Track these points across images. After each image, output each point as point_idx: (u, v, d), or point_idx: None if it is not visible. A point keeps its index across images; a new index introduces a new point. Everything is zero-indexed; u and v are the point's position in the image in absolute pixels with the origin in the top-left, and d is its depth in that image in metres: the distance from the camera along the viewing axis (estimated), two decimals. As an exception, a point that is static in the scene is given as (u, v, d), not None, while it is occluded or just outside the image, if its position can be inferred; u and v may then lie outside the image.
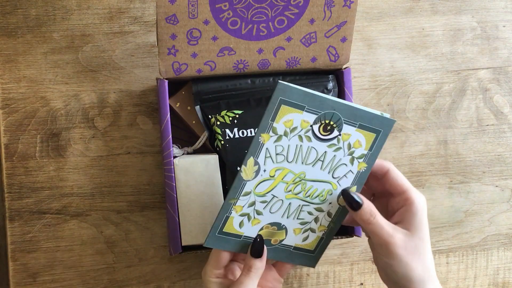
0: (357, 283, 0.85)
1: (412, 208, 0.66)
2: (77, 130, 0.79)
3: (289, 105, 0.63)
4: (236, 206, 0.66)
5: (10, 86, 0.79)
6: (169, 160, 0.73)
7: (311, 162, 0.66)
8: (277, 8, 0.71)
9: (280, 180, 0.66)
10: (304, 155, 0.65)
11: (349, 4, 0.72)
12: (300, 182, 0.66)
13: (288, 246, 0.70)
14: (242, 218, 0.67)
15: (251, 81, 0.78)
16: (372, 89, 0.85)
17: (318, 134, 0.65)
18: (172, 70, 0.73)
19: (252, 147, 0.64)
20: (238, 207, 0.66)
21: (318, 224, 0.69)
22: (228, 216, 0.66)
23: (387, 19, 0.85)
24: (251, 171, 0.65)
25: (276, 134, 0.64)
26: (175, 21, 0.69)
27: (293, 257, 0.71)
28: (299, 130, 0.64)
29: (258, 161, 0.65)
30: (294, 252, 0.71)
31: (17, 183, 0.78)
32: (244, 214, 0.67)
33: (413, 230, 0.66)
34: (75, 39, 0.80)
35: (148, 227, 0.80)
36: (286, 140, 0.64)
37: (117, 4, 0.80)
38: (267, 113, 0.63)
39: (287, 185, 0.66)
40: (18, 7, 0.79)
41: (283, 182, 0.66)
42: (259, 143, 0.64)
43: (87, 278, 0.79)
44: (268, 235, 0.69)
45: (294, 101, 0.62)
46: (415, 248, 0.65)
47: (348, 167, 0.67)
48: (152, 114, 0.81)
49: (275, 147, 0.64)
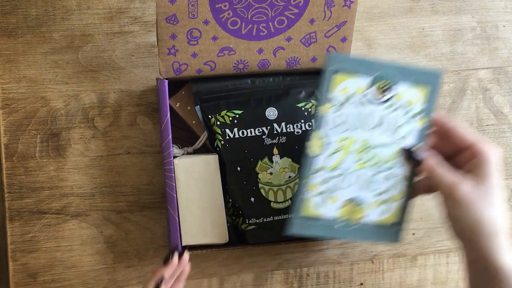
0: (357, 283, 0.85)
1: (483, 157, 0.61)
2: (77, 130, 0.79)
3: (341, 74, 0.64)
4: (309, 186, 0.66)
5: (10, 86, 0.79)
6: (169, 160, 0.73)
7: (373, 126, 0.66)
8: (277, 8, 0.71)
9: (347, 151, 0.66)
10: (365, 120, 0.66)
11: (349, 4, 0.72)
12: (367, 150, 0.66)
13: (369, 223, 0.68)
14: (318, 198, 0.66)
15: (251, 81, 0.78)
16: (372, 89, 0.85)
17: (374, 97, 0.66)
18: (172, 70, 0.73)
19: (314, 122, 0.65)
20: (312, 186, 0.66)
21: (394, 192, 0.68)
22: (304, 198, 0.66)
23: (387, 19, 0.85)
24: (317, 146, 0.65)
25: (334, 105, 0.65)
26: (175, 21, 0.69)
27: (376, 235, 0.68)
28: (355, 97, 0.65)
29: (322, 135, 0.65)
30: (376, 230, 0.68)
31: (17, 183, 0.78)
32: (320, 193, 0.66)
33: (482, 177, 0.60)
34: (75, 39, 0.80)
35: (148, 227, 0.80)
36: (345, 109, 0.65)
37: (117, 4, 0.80)
38: (322, 86, 0.64)
39: (355, 154, 0.66)
40: (18, 7, 0.79)
41: (351, 152, 0.66)
42: (320, 117, 0.65)
43: (87, 278, 0.79)
44: (347, 214, 0.67)
45: (345, 69, 0.64)
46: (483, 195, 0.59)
47: (410, 125, 0.67)
48: (152, 114, 0.81)
49: (336, 118, 0.66)
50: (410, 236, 0.86)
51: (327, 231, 0.67)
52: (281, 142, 0.76)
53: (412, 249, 0.86)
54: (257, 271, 0.82)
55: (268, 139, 0.76)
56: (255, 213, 0.75)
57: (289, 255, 0.83)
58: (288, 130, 0.76)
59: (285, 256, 0.83)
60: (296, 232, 0.66)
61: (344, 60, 0.64)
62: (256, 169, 0.75)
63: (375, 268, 0.85)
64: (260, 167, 0.75)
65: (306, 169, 0.65)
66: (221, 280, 0.81)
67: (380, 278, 0.85)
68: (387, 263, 0.85)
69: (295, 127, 0.76)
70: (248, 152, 0.75)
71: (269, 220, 0.75)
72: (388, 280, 0.85)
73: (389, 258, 0.85)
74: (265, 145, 0.75)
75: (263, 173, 0.75)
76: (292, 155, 0.76)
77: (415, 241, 0.86)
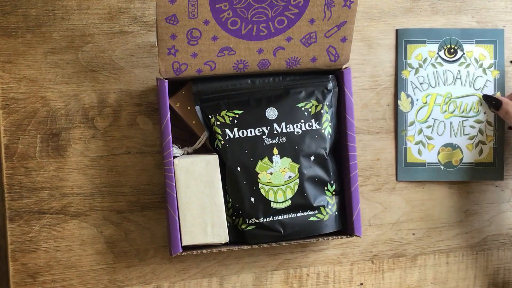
0: (357, 283, 0.85)
1: None
2: (77, 130, 0.79)
3: (412, 43, 0.80)
4: (408, 137, 0.80)
5: (10, 86, 0.79)
6: (169, 160, 0.73)
7: (451, 82, 0.79)
8: (277, 8, 0.71)
9: (433, 104, 0.80)
10: (443, 77, 0.78)
11: (349, 4, 0.72)
12: (450, 101, 0.78)
13: (469, 163, 0.79)
14: (417, 146, 0.80)
15: (251, 81, 0.78)
16: (372, 89, 0.85)
17: (446, 58, 0.80)
18: (172, 70, 0.73)
19: (399, 84, 0.80)
20: (410, 137, 0.80)
21: (484, 136, 0.79)
22: (406, 148, 0.80)
23: (387, 19, 0.85)
24: (406, 103, 0.80)
25: (413, 68, 0.80)
26: (175, 21, 0.69)
27: (478, 173, 0.80)
28: (429, 60, 0.79)
29: (408, 94, 0.80)
30: (477, 168, 0.79)
31: (17, 183, 0.78)
32: (417, 142, 0.80)
33: None
34: (75, 39, 0.80)
35: (148, 227, 0.80)
36: (423, 70, 0.80)
37: (117, 4, 0.80)
38: (399, 55, 0.80)
39: (441, 106, 0.80)
40: (18, 7, 0.79)
41: (436, 105, 0.80)
42: (403, 79, 0.80)
43: (87, 278, 0.79)
44: (447, 157, 0.80)
45: (415, 38, 0.80)
46: None
47: (484, 77, 0.78)
48: (152, 114, 0.81)
49: (417, 78, 0.80)
50: (410, 236, 0.86)
51: (432, 175, 0.79)
52: (281, 142, 0.76)
53: (412, 249, 0.86)
54: (257, 271, 0.82)
55: (268, 139, 0.76)
56: (255, 213, 0.75)
57: (289, 255, 0.83)
58: (288, 130, 0.76)
59: (285, 256, 0.83)
60: (405, 179, 0.81)
61: (413, 32, 0.79)
62: (256, 169, 0.75)
63: (375, 268, 0.85)
64: (260, 167, 0.75)
65: (403, 123, 0.80)
66: (221, 280, 0.81)
67: (380, 278, 0.85)
68: (387, 263, 0.85)
69: (295, 127, 0.76)
70: (248, 152, 0.75)
71: (269, 220, 0.75)
72: (388, 280, 0.85)
73: (389, 258, 0.85)
74: (265, 145, 0.75)
75: (263, 173, 0.75)
76: (292, 155, 0.76)
77: (415, 241, 0.86)
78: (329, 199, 0.78)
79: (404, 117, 0.81)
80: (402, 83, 0.80)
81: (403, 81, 0.80)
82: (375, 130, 0.85)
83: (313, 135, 0.76)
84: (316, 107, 0.77)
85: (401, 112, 0.80)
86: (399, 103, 0.80)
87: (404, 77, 0.80)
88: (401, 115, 0.81)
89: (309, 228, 0.76)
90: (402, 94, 0.80)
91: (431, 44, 0.80)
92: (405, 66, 0.80)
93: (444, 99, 0.80)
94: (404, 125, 0.81)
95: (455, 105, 0.80)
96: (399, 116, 0.80)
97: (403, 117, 0.81)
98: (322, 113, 0.77)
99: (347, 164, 0.78)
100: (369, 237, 0.85)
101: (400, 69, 0.80)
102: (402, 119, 0.81)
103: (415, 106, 0.80)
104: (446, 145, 0.80)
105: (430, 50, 0.80)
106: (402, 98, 0.80)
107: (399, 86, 0.80)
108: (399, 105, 0.80)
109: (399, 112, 0.80)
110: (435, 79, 0.80)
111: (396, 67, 0.81)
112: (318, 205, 0.76)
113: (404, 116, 0.81)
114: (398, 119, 0.80)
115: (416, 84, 0.80)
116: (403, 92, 0.80)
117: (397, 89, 0.81)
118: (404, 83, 0.80)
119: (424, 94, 0.80)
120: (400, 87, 0.80)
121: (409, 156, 0.80)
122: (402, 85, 0.80)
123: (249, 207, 0.75)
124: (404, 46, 0.80)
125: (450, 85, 0.80)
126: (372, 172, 0.85)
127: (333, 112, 0.79)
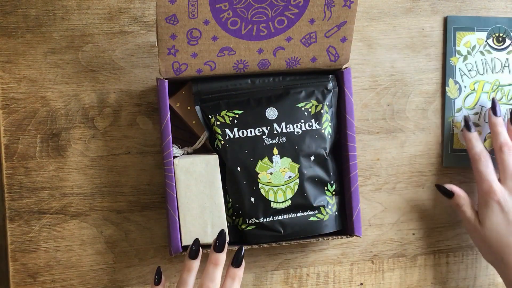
0: (357, 283, 0.85)
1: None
2: (77, 130, 0.79)
3: (462, 30, 0.81)
4: (455, 123, 0.81)
5: (10, 86, 0.79)
6: (169, 160, 0.73)
7: (499, 70, 0.81)
8: (277, 8, 0.71)
9: (480, 91, 0.81)
10: (491, 65, 0.81)
11: (349, 4, 0.72)
12: (498, 89, 0.80)
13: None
14: None
15: (251, 81, 0.78)
16: (372, 89, 0.85)
17: (494, 46, 0.81)
18: (172, 70, 0.73)
19: (447, 71, 0.81)
20: (457, 123, 0.82)
21: None
22: (452, 134, 0.81)
23: (387, 19, 0.85)
24: (454, 89, 0.81)
25: (462, 55, 0.81)
26: (175, 21, 0.69)
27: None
28: (478, 47, 0.81)
29: (456, 80, 0.81)
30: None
31: (17, 183, 0.78)
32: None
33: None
34: (75, 39, 0.80)
35: (148, 227, 0.80)
36: (472, 58, 0.81)
37: (117, 4, 0.80)
38: (448, 41, 0.81)
39: (488, 94, 0.81)
40: (18, 7, 0.79)
41: (484, 92, 0.81)
42: (452, 66, 0.81)
43: (87, 278, 0.79)
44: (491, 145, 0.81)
45: (464, 26, 0.81)
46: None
47: None
48: (152, 114, 0.81)
49: (465, 65, 0.81)
50: (410, 236, 0.86)
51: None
52: (281, 142, 0.76)
53: (412, 249, 0.86)
54: (257, 271, 0.83)
55: (268, 139, 0.76)
56: (255, 213, 0.75)
57: (289, 255, 0.83)
58: (288, 130, 0.76)
59: (285, 256, 0.83)
60: (451, 165, 0.83)
61: (462, 19, 0.81)
62: (256, 169, 0.75)
63: (375, 268, 0.85)
64: (260, 167, 0.75)
65: (450, 110, 0.82)
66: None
67: (380, 278, 0.85)
68: (387, 263, 0.85)
69: (295, 127, 0.76)
70: (248, 152, 0.75)
71: (269, 220, 0.75)
72: (388, 280, 0.85)
73: (389, 258, 0.85)
74: (265, 145, 0.75)
75: (263, 173, 0.75)
76: (292, 155, 0.76)
77: (415, 241, 0.86)
78: (329, 199, 0.78)
79: (452, 104, 0.82)
80: (451, 69, 0.81)
81: (451, 68, 0.81)
82: (375, 130, 0.85)
83: (313, 135, 0.76)
84: (316, 107, 0.77)
85: (448, 99, 0.81)
86: (447, 90, 0.81)
87: (453, 63, 0.81)
88: (448, 102, 0.82)
89: (309, 228, 0.76)
90: (450, 80, 0.81)
91: (480, 32, 0.81)
92: (454, 53, 0.81)
93: (492, 86, 0.81)
94: (452, 112, 0.82)
95: (502, 92, 0.82)
96: (447, 103, 0.82)
97: (450, 104, 0.82)
98: (322, 113, 0.77)
99: (347, 164, 0.78)
100: (369, 237, 0.85)
101: (449, 56, 0.81)
102: (450, 106, 0.82)
103: (462, 93, 0.82)
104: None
105: (478, 38, 0.81)
106: (450, 84, 0.81)
107: (447, 73, 0.81)
108: (447, 92, 0.81)
109: (447, 98, 0.81)
110: (483, 66, 0.81)
111: (444, 54, 0.82)
112: (318, 205, 0.76)
113: (452, 102, 0.82)
114: (446, 105, 0.82)
115: (464, 71, 0.81)
116: (451, 79, 0.81)
117: (445, 76, 0.82)
118: (452, 70, 0.81)
119: (472, 81, 0.81)
120: (448, 74, 0.81)
121: (455, 142, 0.82)
122: (450, 72, 0.81)
123: (249, 207, 0.75)
124: (454, 33, 0.81)
125: (498, 72, 0.82)
126: (372, 172, 0.85)
127: (333, 112, 0.79)
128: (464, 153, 0.83)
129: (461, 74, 0.81)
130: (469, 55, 0.81)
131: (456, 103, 0.82)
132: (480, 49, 0.81)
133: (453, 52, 0.81)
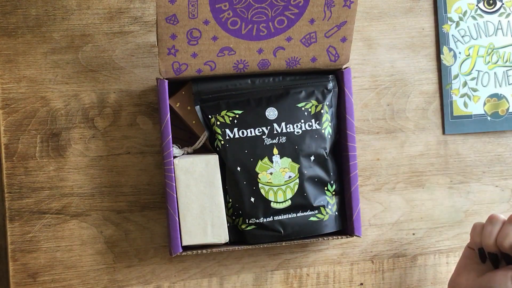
0: (357, 283, 0.85)
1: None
2: (77, 130, 0.79)
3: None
4: (453, 90, 0.81)
5: (10, 86, 0.79)
6: (169, 160, 0.73)
7: (492, 33, 0.81)
8: (277, 8, 0.71)
9: (476, 56, 0.80)
10: (484, 29, 0.80)
11: (349, 4, 0.72)
12: (493, 52, 0.79)
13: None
14: (463, 99, 0.81)
15: (251, 81, 0.78)
16: (372, 89, 0.85)
17: (485, 9, 0.81)
18: (172, 70, 0.73)
19: (440, 38, 0.81)
20: (455, 90, 0.81)
21: None
22: (451, 101, 0.81)
23: (387, 19, 0.85)
24: (449, 56, 0.81)
25: (454, 22, 0.81)
26: (175, 21, 0.69)
27: None
28: (469, 12, 0.80)
29: (450, 47, 0.81)
30: None
31: (17, 183, 0.78)
32: (463, 95, 0.81)
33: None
34: (75, 39, 0.80)
35: (148, 227, 0.80)
36: (464, 23, 0.81)
37: (117, 4, 0.80)
38: (439, 9, 0.81)
39: (484, 58, 0.81)
40: (18, 7, 0.79)
41: (479, 56, 0.81)
42: (444, 33, 0.81)
43: (87, 278, 0.79)
44: (493, 108, 0.81)
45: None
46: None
47: None
48: (152, 114, 0.81)
49: (458, 32, 0.81)
50: (410, 236, 0.86)
51: (480, 126, 0.80)
52: (281, 142, 0.76)
53: (412, 249, 0.86)
54: (257, 271, 0.83)
55: (268, 139, 0.76)
56: (255, 213, 0.75)
57: (289, 255, 0.83)
58: (288, 130, 0.76)
59: (285, 256, 0.83)
60: (452, 132, 0.82)
61: None
62: (256, 169, 0.75)
63: (375, 268, 0.85)
64: (260, 167, 0.75)
65: (447, 77, 0.81)
66: (221, 280, 0.81)
67: (380, 278, 0.85)
68: (387, 263, 0.85)
69: (295, 127, 0.76)
70: (248, 152, 0.75)
71: (269, 220, 0.75)
72: (388, 280, 0.85)
73: (389, 258, 0.85)
74: (265, 145, 0.75)
75: (263, 173, 0.75)
76: (292, 155, 0.76)
77: (415, 241, 0.86)
78: (329, 199, 0.78)
79: (448, 71, 0.82)
80: (444, 37, 0.81)
81: (444, 35, 0.81)
82: (375, 130, 0.85)
83: (313, 135, 0.76)
84: (316, 107, 0.77)
85: (444, 66, 0.81)
86: (442, 58, 0.81)
87: (445, 31, 0.81)
88: (444, 69, 0.82)
89: (309, 228, 0.76)
90: (445, 48, 0.81)
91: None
92: (445, 20, 0.81)
93: (487, 50, 0.82)
94: (449, 79, 0.82)
95: (498, 55, 0.81)
96: (443, 70, 0.82)
97: (446, 71, 0.82)
98: (322, 113, 0.77)
99: (347, 164, 0.78)
100: (369, 237, 0.85)
101: (441, 23, 0.81)
102: (446, 73, 0.82)
103: (458, 59, 0.82)
104: (491, 96, 0.82)
105: (469, 3, 0.81)
106: (445, 52, 0.81)
107: (441, 41, 0.81)
108: (442, 60, 0.81)
109: (443, 66, 0.81)
110: (476, 31, 0.81)
111: (436, 21, 0.82)
112: (318, 205, 0.76)
113: (448, 70, 0.82)
114: (442, 73, 0.82)
115: (458, 37, 0.81)
116: (445, 46, 0.81)
117: (439, 44, 0.82)
118: (445, 37, 0.81)
119: (466, 46, 0.81)
120: (442, 42, 0.81)
121: (455, 109, 0.82)
122: (444, 40, 0.81)
123: (249, 207, 0.75)
124: (444, 0, 0.81)
125: (492, 36, 0.82)
126: (372, 172, 0.85)
127: (333, 112, 0.79)
128: (464, 119, 0.82)
129: (455, 40, 0.81)
130: (461, 21, 0.81)
131: (452, 70, 0.82)
132: (471, 14, 0.81)
133: (445, 19, 0.81)
